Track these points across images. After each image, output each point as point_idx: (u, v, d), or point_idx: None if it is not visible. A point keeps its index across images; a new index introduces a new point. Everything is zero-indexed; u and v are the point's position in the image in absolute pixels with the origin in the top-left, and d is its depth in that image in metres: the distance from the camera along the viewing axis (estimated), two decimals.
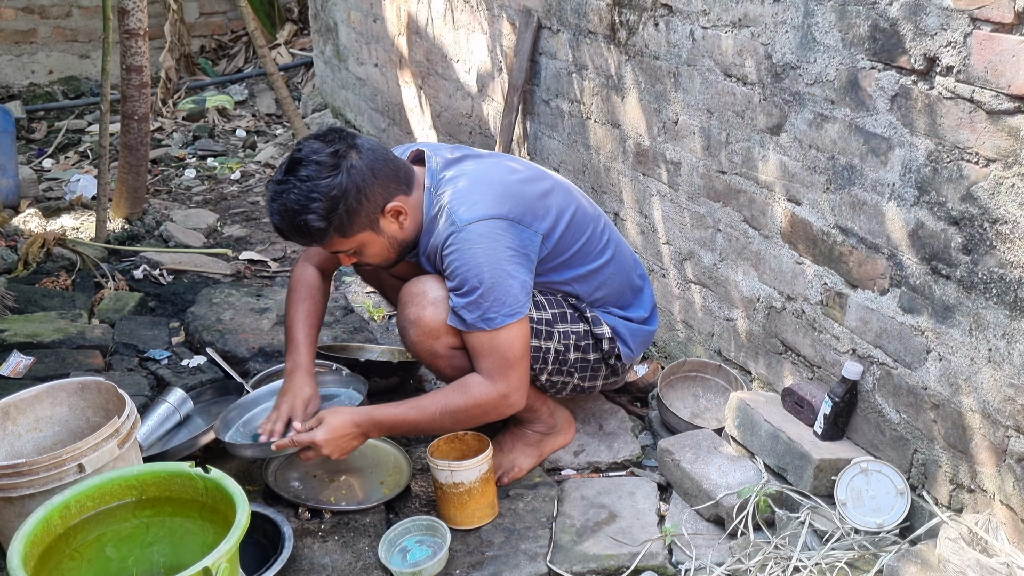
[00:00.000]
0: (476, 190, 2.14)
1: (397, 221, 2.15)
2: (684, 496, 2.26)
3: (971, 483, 1.87)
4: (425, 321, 2.17)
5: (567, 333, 2.26)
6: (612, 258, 2.34)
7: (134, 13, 3.79)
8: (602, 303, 2.36)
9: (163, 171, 5.10)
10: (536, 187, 2.22)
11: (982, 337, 1.79)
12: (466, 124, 3.98)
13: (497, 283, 2.07)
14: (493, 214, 2.10)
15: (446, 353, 2.20)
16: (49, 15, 6.53)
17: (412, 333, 2.20)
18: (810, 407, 2.19)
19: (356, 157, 2.07)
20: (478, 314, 2.08)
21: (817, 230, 2.18)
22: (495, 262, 2.08)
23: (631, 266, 2.42)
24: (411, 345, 2.22)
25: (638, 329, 2.40)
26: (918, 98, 1.84)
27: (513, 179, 2.21)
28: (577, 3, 2.99)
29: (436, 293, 2.17)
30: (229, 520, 1.65)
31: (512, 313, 2.09)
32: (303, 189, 2.04)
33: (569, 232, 2.24)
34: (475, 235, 2.08)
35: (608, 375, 2.39)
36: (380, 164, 2.11)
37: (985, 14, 1.66)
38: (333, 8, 5.44)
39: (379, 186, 2.10)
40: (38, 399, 2.13)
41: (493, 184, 2.16)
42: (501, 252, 2.09)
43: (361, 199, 2.07)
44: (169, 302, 3.38)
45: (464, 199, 2.12)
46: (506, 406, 2.17)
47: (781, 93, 2.20)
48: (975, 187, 1.74)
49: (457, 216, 2.10)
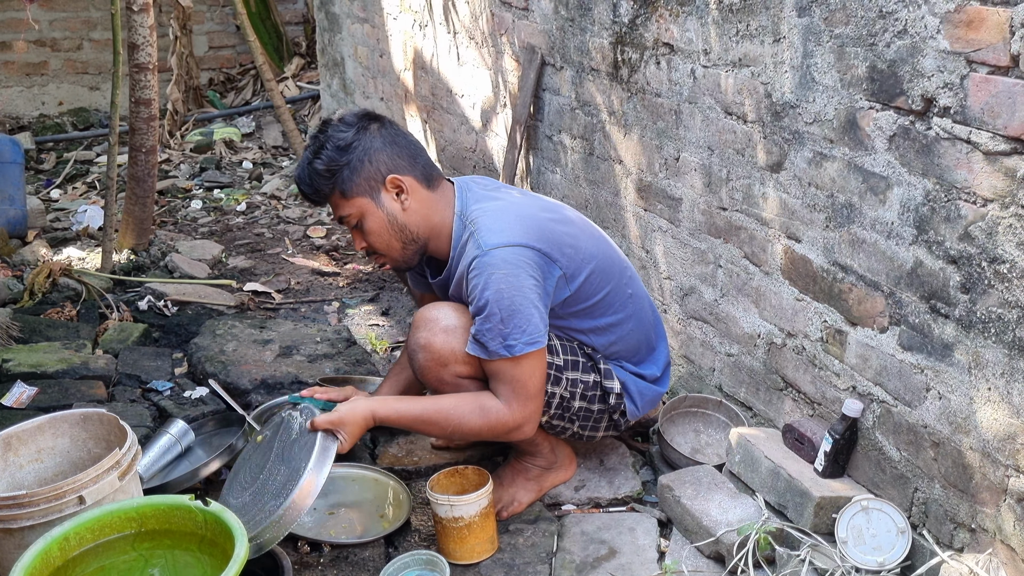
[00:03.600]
0: (505, 219, 2.16)
1: (398, 199, 2.19)
2: (684, 532, 2.25)
3: (972, 522, 1.87)
4: (435, 348, 2.17)
5: (576, 381, 2.26)
6: (633, 314, 2.34)
7: (143, 48, 3.84)
8: (616, 357, 2.35)
9: (169, 202, 5.14)
10: (566, 229, 2.24)
11: (981, 376, 1.79)
12: (470, 158, 4.01)
13: (518, 311, 2.08)
14: (519, 242, 2.12)
15: (452, 382, 2.20)
16: (60, 48, 6.62)
17: (421, 358, 2.20)
18: (811, 444, 2.19)
19: (377, 127, 2.22)
20: (499, 341, 2.09)
21: (817, 267, 2.19)
22: (517, 289, 2.09)
23: (651, 323, 2.42)
24: (419, 369, 2.23)
25: (648, 388, 2.39)
26: (916, 138, 1.86)
27: (544, 216, 2.24)
28: (580, 41, 3.03)
29: (449, 321, 2.18)
30: (228, 553, 1.65)
31: (532, 342, 2.10)
32: (320, 139, 2.19)
33: (594, 278, 2.24)
34: (499, 260, 2.09)
35: (609, 427, 2.38)
36: (399, 140, 2.24)
37: (981, 57, 1.68)
38: (340, 43, 5.51)
39: (387, 155, 2.20)
40: (40, 430, 2.13)
41: (523, 216, 2.19)
42: (524, 280, 2.10)
43: (364, 159, 2.17)
44: (173, 333, 3.39)
45: (492, 225, 2.14)
46: (518, 433, 2.19)
47: (781, 132, 2.23)
48: (973, 227, 1.76)
49: (483, 240, 2.12)
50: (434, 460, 2.56)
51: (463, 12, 3.82)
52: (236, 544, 1.67)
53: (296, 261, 4.25)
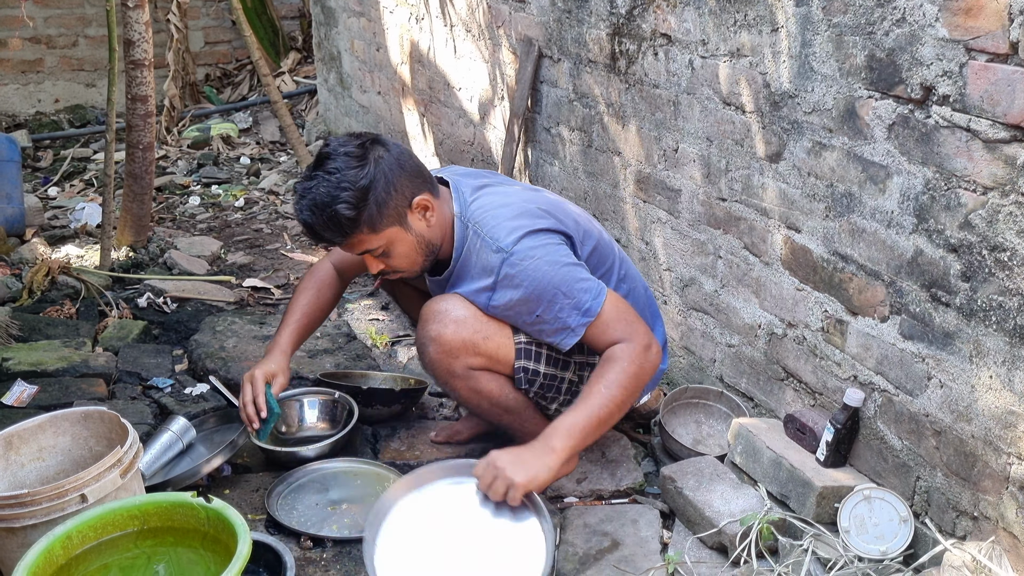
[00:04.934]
0: (509, 214, 2.17)
1: (425, 218, 2.16)
2: (687, 524, 2.25)
3: (974, 510, 1.87)
4: (446, 339, 2.17)
5: (583, 364, 2.27)
6: (628, 294, 2.34)
7: (139, 44, 3.83)
8: None
9: (167, 198, 5.13)
10: (565, 209, 2.29)
11: (983, 364, 1.79)
12: (468, 151, 4.00)
13: (571, 278, 2.11)
14: (532, 228, 2.14)
15: (463, 373, 2.20)
16: (56, 45, 6.59)
17: (431, 350, 2.20)
18: (812, 434, 2.19)
19: (383, 150, 2.11)
20: (577, 314, 2.11)
21: (817, 257, 2.19)
22: (555, 263, 2.11)
23: (645, 303, 2.43)
24: (429, 363, 2.23)
25: None
26: (915, 127, 1.85)
27: (541, 197, 2.28)
28: (577, 32, 3.02)
29: (459, 312, 2.18)
30: (231, 550, 1.65)
31: (598, 294, 2.12)
32: (332, 181, 2.04)
33: (593, 257, 2.27)
34: (527, 249, 2.11)
35: None
36: (406, 159, 2.15)
37: (980, 44, 1.67)
38: (337, 37, 5.50)
39: (406, 179, 2.12)
40: (41, 428, 2.13)
41: (523, 205, 2.21)
42: (557, 250, 2.13)
43: (390, 190, 2.08)
44: (173, 330, 3.39)
45: (501, 224, 2.15)
46: (653, 355, 2.15)
47: (779, 121, 2.22)
48: (973, 215, 1.75)
49: (501, 243, 2.12)
50: (436, 454, 2.56)
51: (459, 5, 3.80)
52: (239, 541, 1.67)
53: (295, 256, 4.25)
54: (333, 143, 2.12)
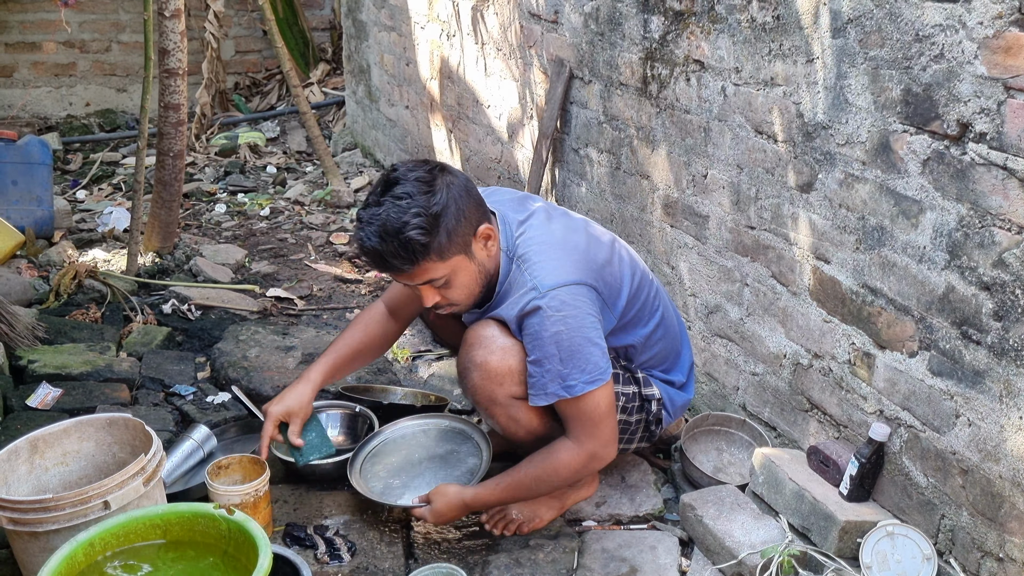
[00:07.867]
0: (554, 254, 2.14)
1: (486, 247, 2.13)
2: (706, 553, 2.24)
3: (1000, 551, 1.84)
4: (491, 366, 2.15)
5: (617, 395, 2.25)
6: (661, 321, 2.34)
7: (174, 53, 3.87)
8: (647, 365, 2.36)
9: (194, 205, 5.17)
10: (604, 254, 2.23)
11: (1012, 404, 1.77)
12: (495, 169, 4.02)
13: (577, 351, 2.07)
14: (575, 280, 2.10)
15: (505, 402, 2.19)
16: (89, 49, 6.68)
17: (475, 376, 2.18)
18: (836, 467, 2.17)
19: (451, 177, 2.07)
20: (559, 383, 2.08)
21: (846, 289, 2.18)
22: (576, 329, 2.07)
23: (676, 328, 2.42)
24: (471, 388, 2.20)
25: (677, 395, 2.41)
26: (950, 163, 1.84)
27: (584, 243, 2.21)
28: (609, 55, 3.03)
29: (505, 340, 2.16)
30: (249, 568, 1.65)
31: (593, 380, 2.09)
32: (402, 206, 1.98)
33: (631, 301, 2.25)
34: (559, 301, 2.07)
35: (643, 438, 2.39)
36: (471, 187, 2.12)
37: (1020, 83, 1.67)
38: (367, 50, 5.53)
39: (473, 207, 2.08)
40: (66, 433, 2.15)
41: (570, 249, 2.17)
42: (584, 319, 2.09)
43: (460, 218, 2.04)
44: (196, 337, 3.40)
45: (545, 263, 2.12)
46: (597, 461, 2.19)
47: (812, 152, 2.22)
48: (1007, 253, 1.74)
49: (540, 280, 2.09)
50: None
51: (491, 23, 3.82)
52: (260, 554, 1.68)
53: (319, 267, 4.26)
54: (401, 168, 2.06)
